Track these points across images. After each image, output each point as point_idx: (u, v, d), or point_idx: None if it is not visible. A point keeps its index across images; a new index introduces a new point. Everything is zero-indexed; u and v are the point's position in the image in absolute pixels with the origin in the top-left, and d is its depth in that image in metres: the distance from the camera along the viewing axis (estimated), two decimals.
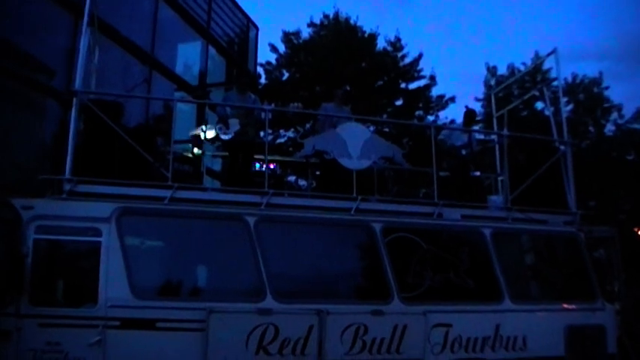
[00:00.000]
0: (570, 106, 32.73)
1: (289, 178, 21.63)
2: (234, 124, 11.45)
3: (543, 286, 11.87)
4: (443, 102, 32.11)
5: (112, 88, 14.57)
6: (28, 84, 14.65)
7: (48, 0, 15.41)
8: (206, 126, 12.66)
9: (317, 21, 32.33)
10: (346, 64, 28.98)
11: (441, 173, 12.19)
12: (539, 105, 29.33)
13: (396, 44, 31.82)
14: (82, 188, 9.34)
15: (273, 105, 21.62)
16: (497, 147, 13.69)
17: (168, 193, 9.60)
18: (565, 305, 11.01)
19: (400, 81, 32.02)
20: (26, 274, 8.58)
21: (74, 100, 9.73)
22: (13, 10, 14.32)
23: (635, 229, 25.13)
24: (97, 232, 9.04)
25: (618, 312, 11.63)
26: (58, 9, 15.49)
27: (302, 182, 16.22)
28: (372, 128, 23.20)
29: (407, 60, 31.89)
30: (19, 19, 14.37)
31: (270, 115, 11.70)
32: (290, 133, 29.71)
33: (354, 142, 10.76)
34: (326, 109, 12.57)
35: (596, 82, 34.09)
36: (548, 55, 13.74)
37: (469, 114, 13.46)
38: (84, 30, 10.23)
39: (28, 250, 8.67)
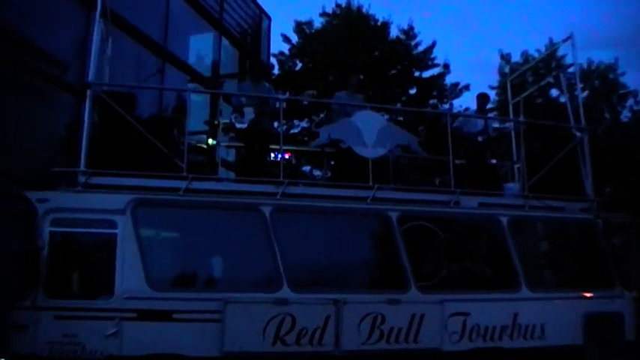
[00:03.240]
0: (586, 93, 32.48)
1: (304, 168, 21.63)
2: (249, 112, 11.41)
3: (561, 274, 11.78)
4: (457, 90, 31.96)
5: (126, 80, 14.55)
6: (41, 77, 14.63)
7: None
8: (220, 116, 12.61)
9: (329, 10, 32.22)
10: (359, 53, 28.84)
11: (457, 161, 12.11)
12: (554, 92, 29.11)
13: (409, 32, 31.66)
14: (97, 180, 9.35)
15: (287, 94, 21.50)
16: (513, 134, 13.59)
17: (183, 184, 9.58)
18: (583, 293, 10.91)
19: (414, 69, 31.87)
20: (42, 267, 8.61)
21: (88, 92, 9.72)
22: (26, 2, 14.31)
23: None
24: (113, 224, 9.06)
25: (636, 299, 11.53)
26: (71, 1, 15.46)
27: (316, 172, 16.14)
28: (386, 117, 23.13)
29: (420, 48, 31.73)
30: (32, 11, 14.35)
31: (284, 105, 11.60)
32: (304, 123, 29.67)
33: (369, 131, 10.71)
34: (339, 97, 12.52)
35: (612, 68, 33.76)
36: (564, 40, 13.61)
37: (482, 98, 13.37)
38: (96, 21, 10.21)
39: (44, 243, 8.69)
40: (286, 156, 12.25)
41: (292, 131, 29.24)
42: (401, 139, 11.19)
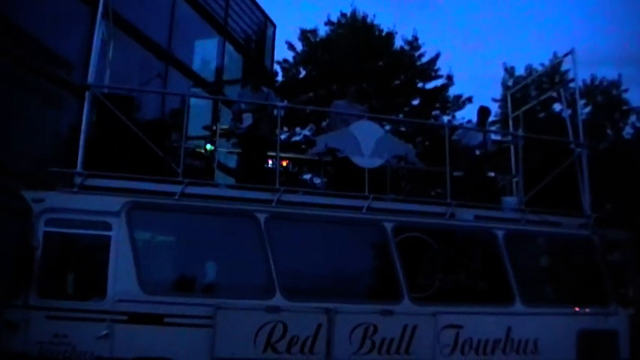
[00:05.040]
0: (588, 108, 32.50)
1: (305, 176, 21.64)
2: (247, 118, 11.44)
3: (556, 290, 11.77)
4: (460, 102, 31.98)
5: (129, 83, 14.60)
6: (45, 77, 14.71)
7: None
8: (219, 121, 12.65)
9: (334, 19, 32.31)
10: (363, 63, 28.91)
11: (455, 173, 12.10)
12: (558, 107, 29.11)
13: (413, 43, 31.72)
14: (93, 182, 9.37)
15: (285, 102, 21.55)
16: (512, 148, 13.59)
17: (178, 189, 9.58)
18: (577, 309, 10.87)
19: (417, 80, 31.91)
20: (36, 267, 8.61)
21: (87, 93, 9.75)
22: (33, 3, 14.39)
23: None
24: (107, 226, 9.05)
25: (632, 317, 11.49)
26: (77, 2, 15.52)
27: (317, 180, 16.19)
28: (387, 127, 23.14)
29: (424, 59, 31.79)
30: (39, 12, 14.42)
31: (282, 112, 11.61)
32: (306, 131, 29.70)
33: (367, 140, 10.71)
34: (337, 106, 12.54)
35: (615, 84, 33.79)
36: (565, 55, 13.66)
37: (483, 111, 13.34)
38: (98, 22, 10.23)
39: (38, 243, 8.69)
40: (283, 163, 12.27)
41: (294, 139, 29.27)
42: (398, 150, 11.17)
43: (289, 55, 31.65)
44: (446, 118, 30.97)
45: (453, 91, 32.15)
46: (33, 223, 8.75)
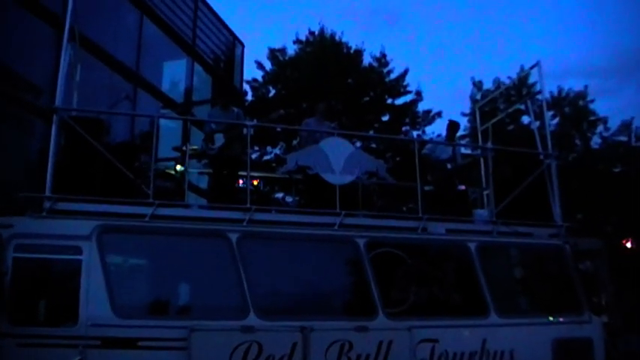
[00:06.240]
0: (556, 120, 32.90)
1: (277, 195, 21.61)
2: (219, 138, 11.41)
3: (530, 300, 11.80)
4: (430, 117, 32.26)
5: (97, 105, 14.51)
6: (13, 101, 14.61)
7: (33, 17, 15.37)
8: (189, 143, 12.61)
9: (302, 37, 32.50)
10: (332, 80, 29.04)
11: (426, 187, 12.16)
12: (526, 119, 29.46)
13: (382, 60, 31.97)
14: (63, 206, 9.24)
15: (255, 120, 21.58)
16: (482, 160, 13.68)
17: (149, 211, 9.50)
18: (552, 318, 10.92)
19: (386, 96, 32.12)
20: (5, 293, 8.45)
21: (54, 117, 9.67)
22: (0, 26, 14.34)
23: (622, 242, 25.15)
24: (78, 250, 8.92)
25: (605, 325, 11.58)
26: (43, 25, 15.45)
27: (289, 199, 16.21)
28: (358, 144, 23.22)
29: (393, 75, 32.03)
30: (5, 37, 14.34)
31: (252, 131, 11.60)
32: (277, 150, 29.71)
33: (337, 157, 10.70)
34: (308, 124, 12.53)
35: (582, 95, 34.29)
36: (532, 67, 13.84)
37: (452, 126, 13.47)
38: (64, 45, 10.17)
39: (8, 269, 8.54)
40: (254, 182, 12.24)
41: (265, 158, 29.28)
42: (369, 166, 11.17)
43: (258, 75, 31.83)
44: (416, 133, 31.18)
45: (422, 107, 32.58)
46: (2, 249, 8.63)
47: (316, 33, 32.27)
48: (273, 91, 31.68)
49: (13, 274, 8.59)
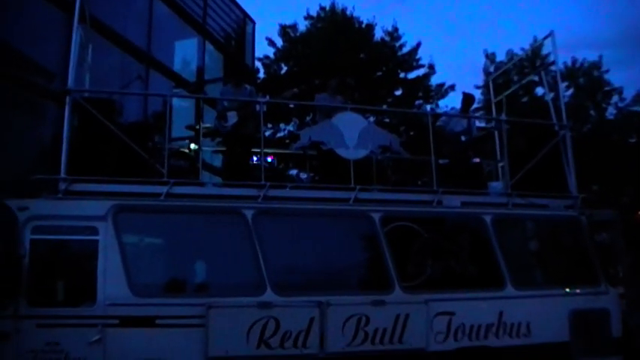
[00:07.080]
0: (571, 91, 32.62)
1: (291, 171, 21.62)
2: (232, 116, 11.39)
3: (546, 272, 11.74)
4: (443, 90, 32.07)
5: (109, 86, 14.52)
6: (26, 86, 14.62)
7: (43, 0, 15.34)
8: (202, 121, 12.61)
9: (313, 13, 32.34)
10: (344, 56, 28.88)
11: (441, 161, 12.11)
12: (540, 90, 29.23)
13: (394, 34, 31.76)
14: (78, 187, 9.30)
15: (268, 97, 21.52)
16: (496, 133, 13.61)
17: (164, 189, 9.54)
18: (568, 290, 10.91)
19: (399, 71, 31.95)
20: (24, 275, 8.54)
21: (67, 98, 9.69)
22: (11, 11, 14.30)
23: (638, 212, 24.98)
24: (94, 231, 9.00)
25: (622, 295, 11.54)
26: (54, 9, 15.42)
27: (303, 176, 16.21)
28: (372, 119, 23.13)
29: (405, 49, 31.82)
30: (16, 21, 14.32)
31: (264, 108, 11.57)
32: (290, 127, 29.67)
33: (351, 132, 10.69)
34: (319, 99, 12.50)
35: (596, 66, 33.93)
36: (545, 38, 13.73)
37: (467, 99, 13.35)
38: (75, 27, 10.15)
39: (25, 251, 8.62)
40: (269, 159, 12.24)
41: (278, 135, 29.25)
42: (382, 140, 11.16)
43: (270, 52, 31.69)
44: (429, 107, 31.02)
45: (435, 80, 32.34)
46: (19, 232, 8.69)
47: (327, 8, 32.10)
48: (285, 68, 31.57)
49: (31, 256, 8.68)
